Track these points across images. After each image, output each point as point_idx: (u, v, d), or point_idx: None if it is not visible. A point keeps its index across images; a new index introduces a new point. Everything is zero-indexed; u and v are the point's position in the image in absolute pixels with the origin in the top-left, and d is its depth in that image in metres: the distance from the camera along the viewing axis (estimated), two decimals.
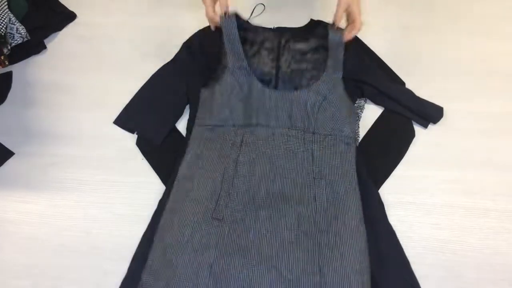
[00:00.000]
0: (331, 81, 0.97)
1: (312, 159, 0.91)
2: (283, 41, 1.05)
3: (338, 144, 0.93)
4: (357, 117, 1.01)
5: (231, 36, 0.98)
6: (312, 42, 1.04)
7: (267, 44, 1.05)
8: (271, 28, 1.13)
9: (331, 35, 0.97)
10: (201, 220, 0.83)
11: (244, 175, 0.89)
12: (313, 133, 0.94)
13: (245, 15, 1.17)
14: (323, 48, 1.01)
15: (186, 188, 0.88)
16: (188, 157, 0.92)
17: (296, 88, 0.99)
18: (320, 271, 0.78)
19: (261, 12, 1.09)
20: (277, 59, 1.03)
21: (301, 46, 1.03)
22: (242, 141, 0.93)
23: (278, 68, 1.03)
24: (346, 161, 0.91)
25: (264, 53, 1.04)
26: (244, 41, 1.03)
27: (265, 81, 1.00)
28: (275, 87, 1.00)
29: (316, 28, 1.06)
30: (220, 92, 0.97)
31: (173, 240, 0.81)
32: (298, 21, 1.16)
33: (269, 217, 0.84)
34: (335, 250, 0.80)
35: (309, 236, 0.82)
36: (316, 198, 0.86)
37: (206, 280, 0.77)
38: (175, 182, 0.89)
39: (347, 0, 0.92)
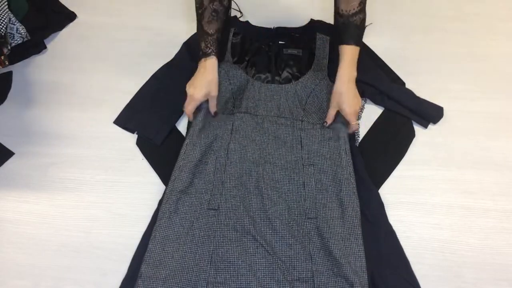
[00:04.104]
0: (317, 76, 1.02)
1: (301, 146, 0.94)
2: (276, 48, 1.10)
3: (326, 132, 0.95)
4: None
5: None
6: (302, 49, 1.10)
7: (263, 49, 1.10)
8: (271, 28, 1.13)
9: (318, 43, 1.07)
10: (198, 212, 0.86)
11: (236, 161, 0.92)
12: (302, 121, 0.96)
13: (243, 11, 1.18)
14: (311, 53, 1.08)
15: (182, 180, 0.89)
16: (184, 146, 0.94)
17: (285, 83, 1.05)
18: (311, 258, 0.81)
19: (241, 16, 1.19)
20: (274, 62, 1.08)
21: (292, 51, 1.10)
22: (232, 129, 0.95)
23: (272, 68, 1.07)
24: (334, 149, 0.93)
25: (260, 56, 1.09)
26: (242, 43, 1.10)
27: (261, 79, 1.06)
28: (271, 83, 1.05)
29: (308, 34, 1.12)
30: None
31: (172, 232, 0.83)
32: (298, 21, 1.16)
33: (261, 206, 0.86)
34: (324, 236, 0.82)
35: (299, 224, 0.85)
36: (305, 186, 0.89)
37: (207, 269, 0.80)
38: (173, 172, 0.91)
39: (337, 101, 0.92)
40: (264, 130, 0.95)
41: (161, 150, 1.00)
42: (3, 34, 1.08)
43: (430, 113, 1.02)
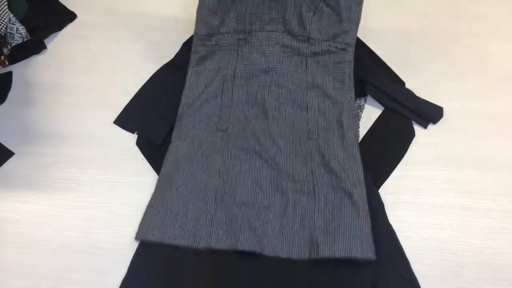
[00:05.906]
0: None
1: (306, 67, 0.96)
2: None
3: (332, 51, 0.96)
4: (359, 109, 1.02)
5: None
6: None
7: None
8: None
9: None
10: (207, 133, 0.92)
11: (242, 85, 0.96)
12: (308, 39, 0.96)
13: None
14: None
15: (190, 103, 0.95)
16: (188, 77, 0.98)
17: None
18: (312, 174, 0.86)
19: None
20: None
21: None
22: (237, 53, 0.98)
23: None
24: (339, 71, 0.95)
25: None
26: None
27: None
28: None
29: None
30: None
31: (184, 148, 0.90)
32: None
33: (266, 126, 0.91)
34: (325, 156, 0.86)
35: (301, 143, 0.89)
36: (308, 109, 0.93)
37: (216, 180, 0.86)
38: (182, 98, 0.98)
39: None
40: (269, 50, 0.97)
41: (161, 150, 1.00)
42: (3, 34, 1.08)
43: (430, 113, 1.02)
